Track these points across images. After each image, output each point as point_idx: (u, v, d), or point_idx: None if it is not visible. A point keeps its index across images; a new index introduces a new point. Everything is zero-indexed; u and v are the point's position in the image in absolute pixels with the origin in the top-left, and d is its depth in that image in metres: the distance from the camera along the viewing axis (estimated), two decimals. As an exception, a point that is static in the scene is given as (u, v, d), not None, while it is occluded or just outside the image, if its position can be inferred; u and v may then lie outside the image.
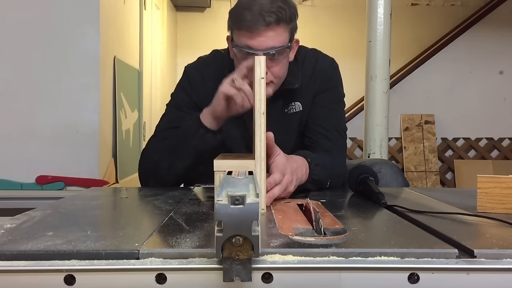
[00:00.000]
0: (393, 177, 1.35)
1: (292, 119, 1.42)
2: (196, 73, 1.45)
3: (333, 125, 1.42)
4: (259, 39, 1.25)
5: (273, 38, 1.26)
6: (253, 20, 1.23)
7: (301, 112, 1.42)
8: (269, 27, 1.25)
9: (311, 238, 0.70)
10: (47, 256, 0.63)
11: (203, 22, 4.77)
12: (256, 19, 1.23)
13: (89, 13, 2.25)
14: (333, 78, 1.46)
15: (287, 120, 1.41)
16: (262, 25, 1.24)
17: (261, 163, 0.91)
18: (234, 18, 1.29)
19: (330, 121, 1.42)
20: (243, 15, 1.25)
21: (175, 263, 0.61)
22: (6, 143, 2.21)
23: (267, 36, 1.25)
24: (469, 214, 0.88)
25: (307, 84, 1.41)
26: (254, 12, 1.23)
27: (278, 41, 1.27)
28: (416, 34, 4.72)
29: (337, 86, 1.46)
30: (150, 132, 3.50)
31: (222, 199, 0.56)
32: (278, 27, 1.26)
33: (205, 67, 1.46)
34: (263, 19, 1.23)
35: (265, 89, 1.27)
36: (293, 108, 1.42)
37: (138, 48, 3.18)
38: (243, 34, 1.26)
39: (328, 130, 1.40)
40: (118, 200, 1.17)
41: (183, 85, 1.45)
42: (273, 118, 1.37)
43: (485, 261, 0.63)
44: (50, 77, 2.23)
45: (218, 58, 1.47)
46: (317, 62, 1.45)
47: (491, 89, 4.76)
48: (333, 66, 1.47)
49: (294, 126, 1.42)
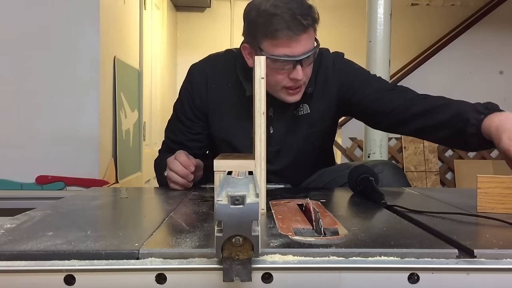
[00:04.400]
0: (395, 178, 1.35)
1: (301, 121, 1.41)
2: (200, 74, 1.43)
3: (392, 89, 1.38)
4: (298, 45, 1.21)
5: (309, 41, 1.23)
6: (290, 27, 1.18)
7: (309, 115, 1.41)
8: (306, 31, 1.21)
9: (311, 238, 0.70)
10: (47, 256, 0.63)
11: (203, 22, 4.77)
12: (294, 24, 1.18)
13: (89, 13, 2.25)
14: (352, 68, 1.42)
15: (296, 122, 1.41)
16: (300, 30, 1.19)
17: (261, 163, 0.91)
18: (263, 27, 1.21)
19: (388, 90, 1.36)
20: (274, 23, 1.18)
21: (175, 263, 0.61)
22: (6, 143, 2.21)
23: (304, 41, 1.22)
24: (469, 214, 0.88)
25: (316, 87, 1.39)
26: (287, 18, 1.18)
27: (312, 43, 1.25)
28: (416, 34, 4.72)
29: (357, 74, 1.41)
30: (150, 132, 3.51)
31: (222, 199, 0.56)
32: (311, 29, 1.23)
33: (211, 67, 1.43)
34: (301, 23, 1.18)
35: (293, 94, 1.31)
36: (301, 111, 1.41)
37: (138, 48, 3.18)
38: (279, 43, 1.20)
39: (399, 92, 1.36)
40: (118, 200, 1.17)
41: (185, 91, 1.45)
42: (284, 119, 1.38)
43: (485, 261, 0.63)
44: (50, 77, 2.23)
45: (228, 58, 1.43)
46: (324, 59, 1.40)
47: (491, 89, 4.76)
48: (339, 57, 1.43)
49: (303, 128, 1.42)
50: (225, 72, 1.41)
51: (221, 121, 1.41)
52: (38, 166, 2.21)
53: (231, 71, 1.39)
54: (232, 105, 1.39)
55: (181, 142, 1.44)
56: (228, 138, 1.41)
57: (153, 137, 3.60)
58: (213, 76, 1.41)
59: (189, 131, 1.44)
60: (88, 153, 2.25)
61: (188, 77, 1.46)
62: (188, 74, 1.47)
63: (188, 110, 1.43)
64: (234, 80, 1.38)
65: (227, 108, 1.40)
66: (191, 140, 1.44)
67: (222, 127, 1.41)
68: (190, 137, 1.44)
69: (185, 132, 1.44)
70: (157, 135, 3.69)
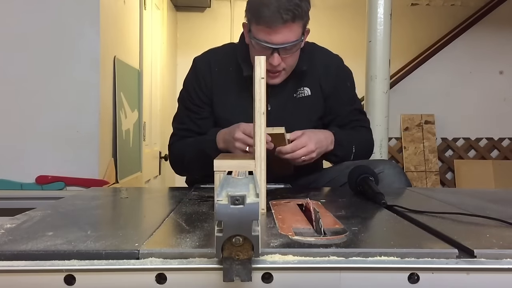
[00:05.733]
0: (396, 177, 1.36)
1: (302, 103, 1.52)
2: (203, 62, 1.56)
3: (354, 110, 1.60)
4: (276, 35, 1.34)
5: (289, 34, 1.34)
6: (270, 17, 1.31)
7: (310, 97, 1.52)
8: (285, 24, 1.32)
9: (311, 238, 0.70)
10: (47, 256, 0.63)
11: (203, 22, 4.77)
12: (274, 16, 1.30)
13: (89, 13, 2.24)
14: (347, 74, 1.60)
15: (296, 104, 1.51)
16: (279, 23, 1.31)
17: (261, 163, 0.91)
18: (252, 11, 1.36)
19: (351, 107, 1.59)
20: (261, 10, 1.32)
21: (175, 263, 0.61)
22: (6, 143, 2.21)
23: (283, 33, 1.33)
24: (469, 214, 0.88)
25: (317, 73, 1.52)
26: (272, 9, 1.30)
27: (293, 36, 1.35)
28: (416, 34, 4.71)
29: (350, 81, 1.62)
30: (150, 132, 3.51)
31: (222, 199, 0.56)
32: (293, 24, 1.34)
33: (214, 55, 1.58)
34: (281, 17, 1.30)
35: (272, 78, 1.43)
36: (302, 93, 1.52)
37: (138, 48, 3.18)
38: (261, 29, 1.34)
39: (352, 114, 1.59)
40: (118, 200, 1.17)
41: (191, 79, 1.57)
42: (283, 102, 1.48)
43: (485, 261, 0.63)
44: (50, 77, 2.23)
45: (228, 47, 1.60)
46: (329, 57, 1.58)
47: (491, 89, 4.76)
48: (342, 61, 1.60)
49: (304, 110, 1.52)
50: (225, 58, 1.55)
51: (224, 101, 1.52)
52: (38, 166, 2.21)
53: (231, 57, 1.54)
54: (234, 87, 1.52)
55: (189, 128, 1.54)
56: (230, 118, 1.46)
57: (153, 137, 3.60)
58: (215, 62, 1.54)
59: (197, 117, 1.54)
60: (88, 153, 2.25)
61: (193, 67, 1.58)
62: (192, 65, 1.58)
63: (194, 96, 1.54)
64: (235, 64, 1.51)
65: (229, 90, 1.52)
66: (200, 126, 1.54)
67: (226, 106, 1.52)
68: (198, 123, 1.54)
69: (193, 118, 1.54)
70: (157, 135, 3.68)
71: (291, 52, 1.39)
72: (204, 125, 1.53)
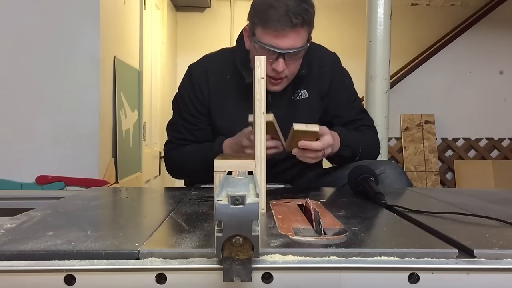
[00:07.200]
0: (397, 178, 1.36)
1: (300, 106, 1.48)
2: (199, 71, 1.50)
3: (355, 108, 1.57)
4: (283, 40, 1.28)
5: (296, 39, 1.29)
6: (279, 20, 1.25)
7: (308, 99, 1.49)
8: (294, 28, 1.27)
9: (311, 238, 0.70)
10: (47, 256, 0.63)
11: (203, 22, 4.77)
12: (283, 19, 1.25)
13: (89, 13, 2.24)
14: (343, 72, 1.57)
15: (294, 107, 1.48)
16: (288, 26, 1.26)
17: (261, 163, 0.91)
18: (259, 14, 1.30)
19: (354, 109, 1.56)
20: (269, 13, 1.26)
21: (175, 263, 0.61)
22: (6, 143, 2.21)
23: (291, 37, 1.28)
24: (469, 214, 0.88)
25: (313, 74, 1.48)
26: (280, 12, 1.25)
27: (300, 41, 1.31)
28: (416, 34, 4.71)
29: (348, 79, 1.59)
30: (150, 132, 3.51)
31: (222, 199, 0.56)
32: (301, 29, 1.29)
33: (210, 63, 1.52)
34: (290, 21, 1.25)
35: (274, 85, 1.39)
36: (299, 95, 1.49)
37: (138, 48, 3.18)
38: (268, 33, 1.29)
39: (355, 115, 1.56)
40: (118, 200, 1.17)
41: (186, 88, 1.51)
42: (282, 105, 1.45)
43: (485, 261, 0.63)
44: (50, 77, 2.23)
45: (224, 54, 1.54)
46: (324, 55, 1.53)
47: (491, 89, 4.76)
48: (338, 60, 1.57)
49: (302, 113, 1.47)
50: (222, 66, 1.49)
51: (222, 110, 1.48)
52: (38, 166, 2.21)
53: (228, 64, 1.48)
54: (232, 94, 1.47)
55: (186, 138, 1.50)
56: (230, 126, 1.44)
57: (153, 137, 3.60)
58: (212, 70, 1.49)
59: (194, 128, 1.50)
60: (88, 153, 2.25)
61: (187, 75, 1.52)
62: (187, 73, 1.52)
63: (191, 106, 1.49)
64: (232, 71, 1.46)
65: (227, 98, 1.47)
66: (197, 136, 1.50)
67: (224, 114, 1.48)
68: (195, 134, 1.50)
69: (190, 129, 1.50)
70: (157, 135, 3.68)
71: (296, 59, 1.35)
72: (201, 135, 1.50)
